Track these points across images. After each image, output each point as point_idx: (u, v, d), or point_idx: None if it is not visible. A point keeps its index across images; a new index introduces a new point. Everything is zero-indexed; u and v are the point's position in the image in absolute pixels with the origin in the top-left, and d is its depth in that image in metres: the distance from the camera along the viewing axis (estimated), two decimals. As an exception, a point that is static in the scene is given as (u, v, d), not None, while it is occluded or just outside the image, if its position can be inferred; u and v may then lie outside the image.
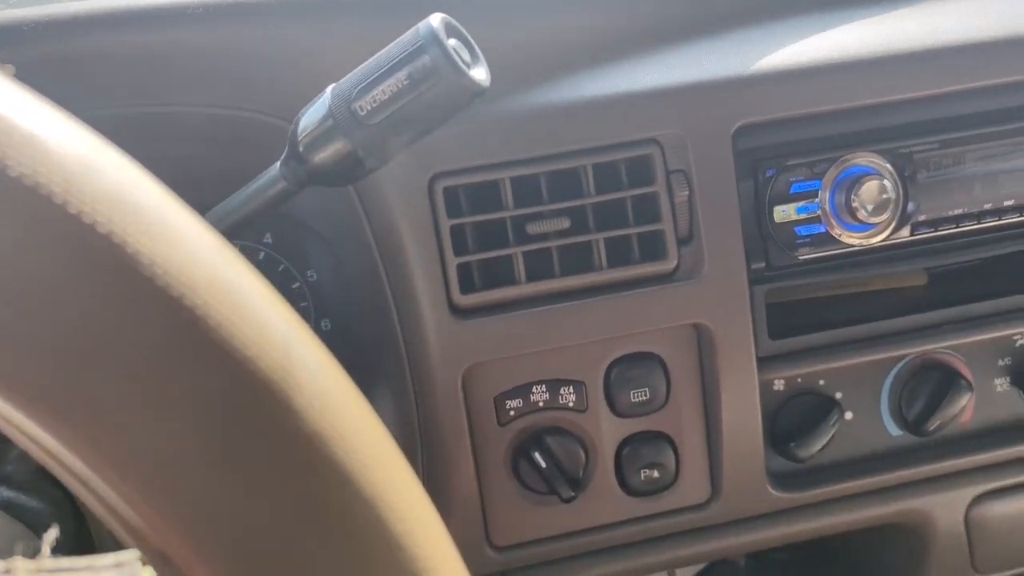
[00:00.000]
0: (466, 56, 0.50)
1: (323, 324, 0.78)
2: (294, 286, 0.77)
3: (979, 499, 0.80)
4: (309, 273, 0.77)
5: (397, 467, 0.29)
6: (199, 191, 0.62)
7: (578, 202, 0.67)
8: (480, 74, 0.50)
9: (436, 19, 0.49)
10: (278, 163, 0.55)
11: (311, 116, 0.52)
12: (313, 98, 0.53)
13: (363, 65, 0.51)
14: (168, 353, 0.24)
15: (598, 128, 0.67)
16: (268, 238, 0.78)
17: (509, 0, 0.70)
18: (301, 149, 0.52)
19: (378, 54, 0.51)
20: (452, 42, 0.49)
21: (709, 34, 0.73)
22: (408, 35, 0.49)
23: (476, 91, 0.49)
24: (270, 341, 0.26)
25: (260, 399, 0.25)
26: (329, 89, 0.52)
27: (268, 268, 0.77)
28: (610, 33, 0.71)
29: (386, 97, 0.49)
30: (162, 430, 0.24)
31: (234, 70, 0.65)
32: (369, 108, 0.50)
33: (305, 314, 0.77)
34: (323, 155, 0.52)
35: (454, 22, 0.50)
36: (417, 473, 0.70)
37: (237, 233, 0.57)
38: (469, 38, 0.51)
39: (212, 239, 0.27)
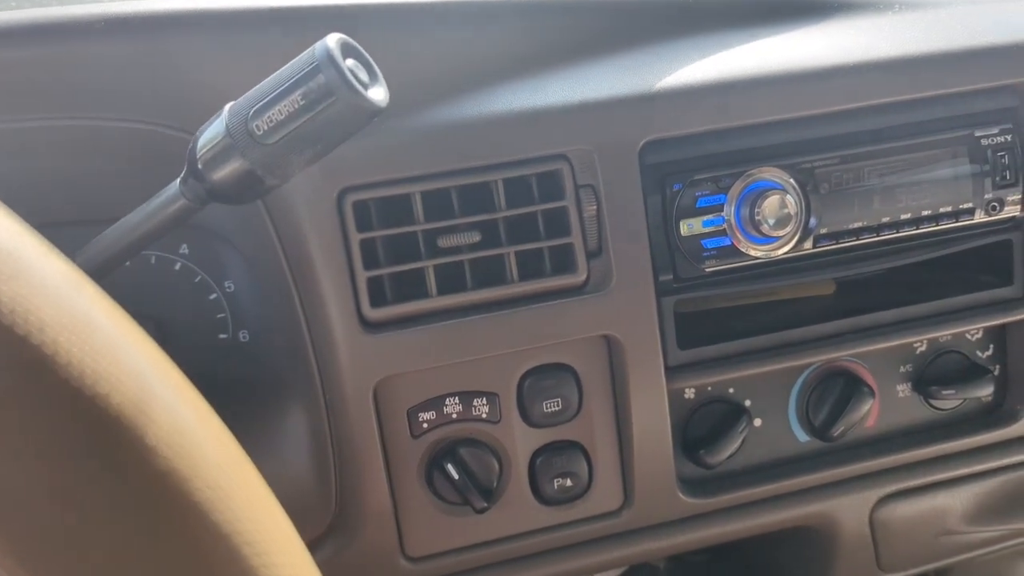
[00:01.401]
0: (363, 76, 0.50)
1: (241, 335, 0.78)
2: (211, 297, 0.77)
3: (883, 501, 0.82)
4: (227, 284, 0.77)
5: (259, 500, 0.29)
6: (116, 205, 0.61)
7: (489, 216, 0.68)
8: (378, 94, 0.50)
9: (332, 39, 0.49)
10: (177, 180, 0.55)
11: (209, 134, 0.52)
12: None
13: (261, 84, 0.51)
14: (14, 391, 0.24)
15: (508, 143, 0.68)
16: (184, 248, 0.77)
17: (420, 17, 0.71)
18: (200, 167, 0.52)
19: (275, 73, 0.51)
20: (349, 62, 0.50)
21: (618, 52, 0.74)
22: (304, 55, 0.49)
23: (373, 111, 0.50)
24: (124, 377, 0.26)
25: (111, 436, 0.25)
26: (227, 108, 0.52)
27: (184, 279, 0.76)
28: (521, 50, 0.72)
29: (282, 117, 0.49)
30: (6, 465, 0.24)
31: (145, 84, 0.64)
32: (266, 128, 0.50)
33: (223, 325, 0.77)
34: (221, 173, 0.52)
35: (352, 42, 0.51)
36: (331, 486, 0.71)
37: (137, 251, 0.57)
38: (368, 58, 0.51)
39: (66, 275, 0.27)
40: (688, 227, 0.71)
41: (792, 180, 0.72)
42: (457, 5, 0.70)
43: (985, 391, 0.81)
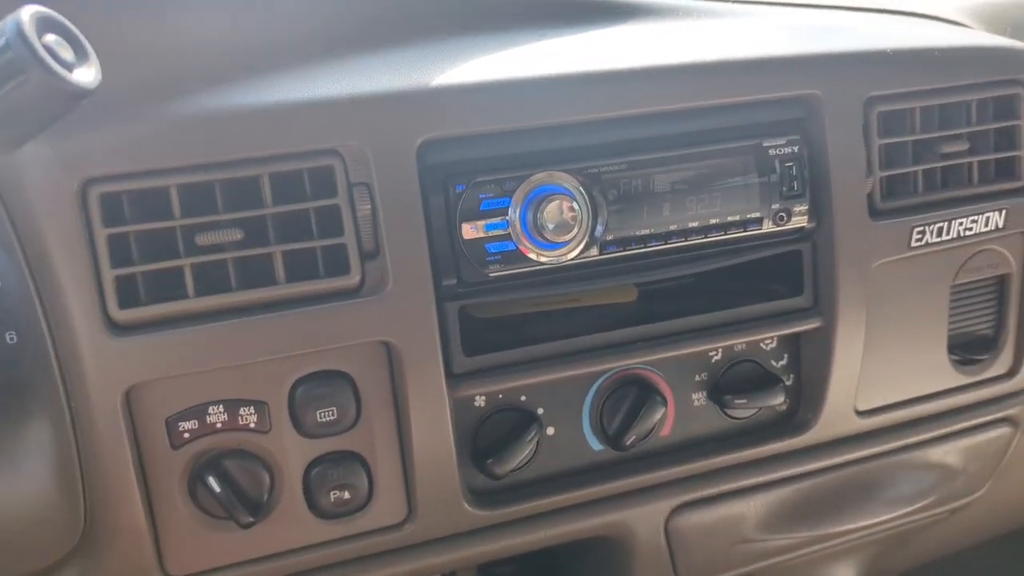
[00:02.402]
0: (66, 54, 0.46)
1: (8, 336, 0.71)
2: (-27, 295, 0.70)
3: (678, 510, 0.82)
4: (-8, 281, 0.70)
5: None
6: None
7: (255, 212, 0.64)
8: (85, 75, 0.46)
9: (27, 12, 0.44)
10: None
11: None
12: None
13: (-51, 58, 0.46)
14: None
15: (277, 136, 0.64)
16: (-55, 243, 0.70)
17: (186, -3, 0.66)
18: None
19: (-35, 47, 0.46)
20: (50, 38, 0.45)
21: (400, 45, 0.71)
22: (-7, 28, 0.45)
23: (75, 93, 0.45)
24: None
25: None
26: (-91, 82, 0.46)
27: (-57, 276, 0.69)
28: (295, 37, 0.68)
29: (-33, 95, 0.44)
30: None
31: None
32: (-50, 106, 0.45)
33: (-15, 325, 0.70)
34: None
35: (56, 16, 0.46)
36: (78, 502, 0.65)
37: None
38: (77, 34, 0.47)
39: None
40: (471, 230, 0.69)
41: (579, 185, 0.71)
42: (226, -12, 0.66)
43: (778, 400, 0.81)
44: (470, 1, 0.75)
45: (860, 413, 0.85)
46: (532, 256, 0.71)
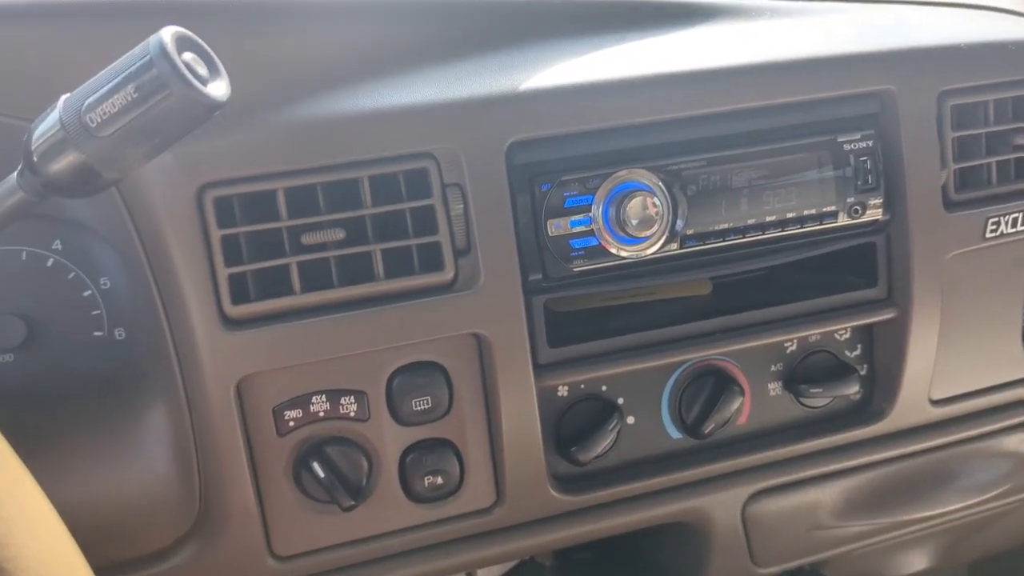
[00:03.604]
0: (202, 70, 0.50)
1: (117, 333, 0.76)
2: (85, 294, 0.75)
3: (754, 497, 0.84)
4: (103, 280, 0.75)
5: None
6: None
7: (355, 213, 0.68)
8: (217, 89, 0.50)
9: (168, 32, 0.48)
10: (15, 173, 0.53)
11: (44, 127, 0.51)
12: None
13: (96, 76, 0.50)
14: None
15: (375, 140, 0.68)
16: (57, 244, 0.75)
17: (289, 12, 0.70)
18: (35, 159, 0.51)
19: (111, 66, 0.50)
20: (187, 56, 0.49)
21: (488, 53, 0.74)
22: (138, 48, 0.49)
23: (211, 105, 0.49)
24: None
25: None
26: (61, 100, 0.51)
27: (57, 276, 0.75)
28: (389, 47, 0.72)
29: (116, 110, 0.48)
30: None
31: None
32: (99, 120, 0.49)
33: (98, 322, 0.75)
34: (57, 167, 0.51)
35: (190, 35, 0.50)
36: (194, 486, 0.70)
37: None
38: (208, 52, 0.51)
39: None
40: (556, 227, 0.72)
41: (660, 181, 0.73)
42: (326, 2, 0.70)
43: (852, 389, 0.83)
44: (553, 8, 0.78)
45: (934, 402, 0.86)
46: (614, 251, 0.73)
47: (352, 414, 0.71)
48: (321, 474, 0.69)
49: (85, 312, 0.75)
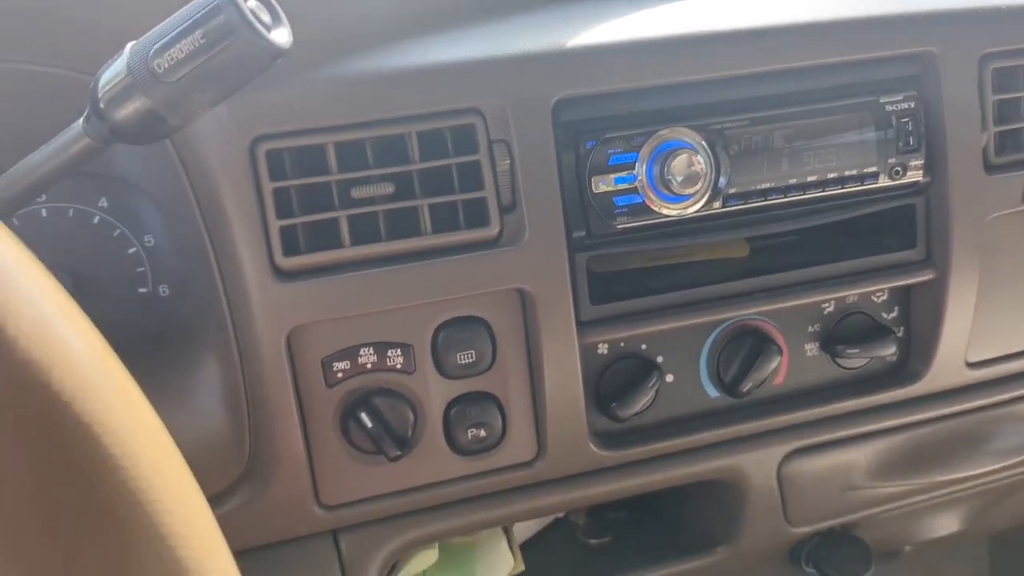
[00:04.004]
0: (265, 17, 0.51)
1: (161, 289, 0.78)
2: (130, 251, 0.77)
3: (790, 456, 0.85)
4: (147, 238, 0.77)
5: (124, 394, 0.30)
6: (15, 152, 0.61)
7: (403, 168, 0.69)
8: (280, 36, 0.51)
9: (234, -21, 0.49)
10: (81, 120, 0.55)
11: (111, 73, 0.52)
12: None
13: (162, 24, 0.51)
14: None
15: (422, 96, 0.68)
16: (103, 202, 0.77)
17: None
18: (102, 105, 0.52)
19: (178, 12, 0.51)
20: (251, 3, 0.50)
21: (534, 9, 0.75)
22: (204, -5, 0.50)
23: (275, 52, 0.50)
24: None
25: None
26: (128, 47, 0.52)
27: (103, 233, 0.76)
28: (438, 5, 0.72)
29: (183, 55, 0.50)
30: None
31: (42, 25, 0.64)
32: (167, 66, 0.50)
33: (142, 279, 0.77)
34: (124, 112, 0.52)
35: (254, -17, 0.51)
36: (244, 435, 0.71)
37: (40, 190, 0.57)
38: (272, 0, 0.52)
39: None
40: (600, 184, 0.73)
41: (703, 140, 0.74)
42: (375, -41, 0.71)
43: (889, 351, 0.84)
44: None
45: (970, 365, 0.87)
46: (658, 209, 0.74)
47: (399, 366, 0.72)
48: (369, 424, 0.71)
49: (130, 269, 0.76)
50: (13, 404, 0.27)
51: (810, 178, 0.77)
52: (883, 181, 0.79)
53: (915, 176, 0.79)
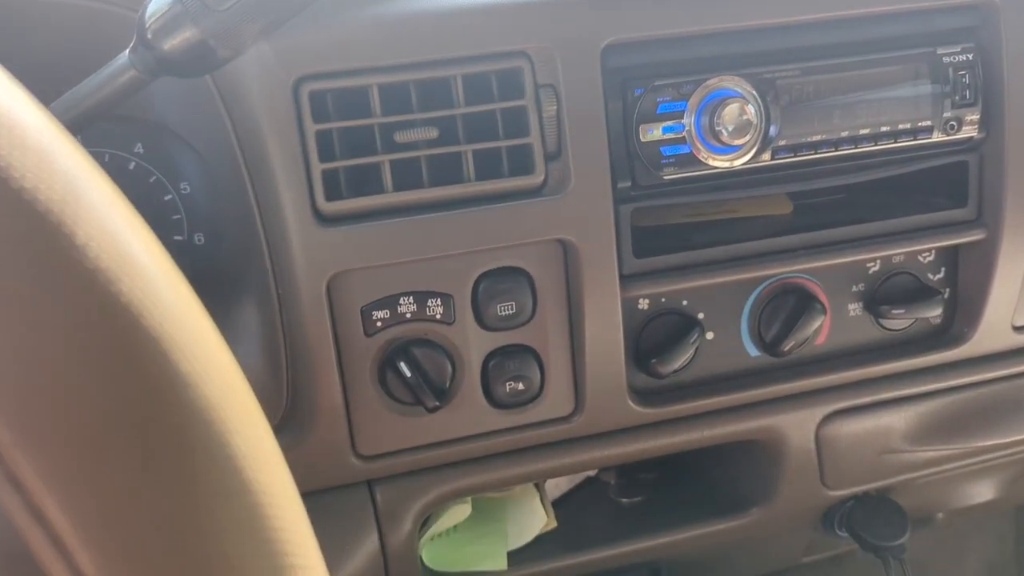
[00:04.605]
0: (317, -55, 0.49)
1: (196, 238, 0.77)
2: (166, 198, 0.76)
3: (829, 418, 0.84)
4: (182, 185, 0.76)
5: (190, 309, 0.29)
6: (60, 85, 0.60)
7: (447, 112, 0.67)
8: (333, -36, 0.49)
9: (285, -96, 0.48)
10: (127, 51, 0.53)
11: (158, 2, 0.51)
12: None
13: (212, -50, 0.50)
14: None
15: (468, 38, 0.67)
16: (139, 148, 0.76)
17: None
18: (149, 36, 0.51)
19: (228, -61, 0.49)
20: (303, -70, 0.48)
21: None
22: (256, -81, 0.48)
23: (327, -20, 0.49)
24: (53, 176, 0.26)
25: (35, 227, 0.25)
26: (177, -26, 0.51)
27: (139, 179, 0.75)
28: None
29: (235, -18, 0.48)
30: None
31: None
32: (217, -7, 0.49)
33: (178, 227, 0.76)
34: (172, 42, 0.51)
35: (304, -90, 0.49)
36: (282, 382, 0.71)
37: (85, 124, 0.55)
38: (322, -72, 0.50)
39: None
40: (648, 133, 0.71)
41: (753, 90, 0.72)
42: None
43: (934, 312, 0.82)
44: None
45: (1017, 329, 0.85)
46: (705, 160, 0.72)
47: (438, 316, 0.71)
48: (408, 374, 0.70)
49: (166, 216, 0.75)
50: (82, 313, 0.26)
51: (862, 131, 0.75)
52: (936, 136, 0.77)
53: (970, 132, 0.77)
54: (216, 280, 0.74)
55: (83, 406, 0.26)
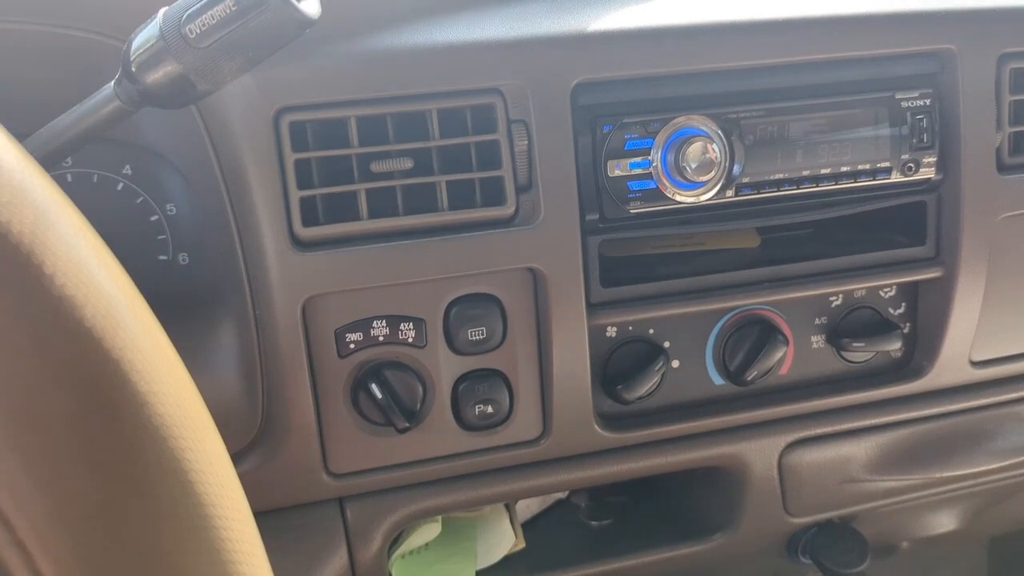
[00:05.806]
0: (296, -12, 0.52)
1: (181, 258, 0.79)
2: (152, 219, 0.78)
3: (791, 446, 0.86)
4: (168, 207, 0.78)
5: (149, 332, 0.31)
6: (46, 115, 0.63)
7: (423, 144, 0.70)
8: (310, 7, 0.52)
9: (266, -51, 0.51)
10: (112, 83, 0.56)
11: (143, 37, 0.53)
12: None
13: (195, -10, 0.53)
14: None
15: (444, 74, 0.70)
16: (128, 170, 0.78)
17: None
18: (133, 69, 0.54)
19: (210, -20, 0.52)
20: (282, -27, 0.51)
21: (557, -7, 0.76)
22: (238, -37, 0.51)
23: (304, 22, 0.51)
24: (24, 208, 0.28)
25: (7, 259, 0.27)
26: (161, 12, 0.53)
27: (126, 199, 0.77)
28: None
29: (215, 22, 0.51)
30: None
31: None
32: (199, 31, 0.51)
33: (163, 247, 0.78)
34: (155, 76, 0.53)
35: (285, -46, 0.52)
36: (257, 401, 0.73)
37: (69, 152, 0.58)
38: (302, -29, 0.53)
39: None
40: (616, 168, 0.74)
41: (718, 129, 0.75)
42: (402, -63, 0.72)
43: (894, 346, 0.85)
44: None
45: (974, 363, 0.87)
46: (671, 195, 0.75)
47: (410, 340, 0.73)
48: (379, 395, 0.72)
49: (151, 236, 0.78)
50: (48, 337, 0.28)
51: (823, 171, 0.78)
52: (895, 177, 0.80)
53: (927, 173, 0.80)
54: (199, 299, 0.76)
55: (47, 422, 0.28)
